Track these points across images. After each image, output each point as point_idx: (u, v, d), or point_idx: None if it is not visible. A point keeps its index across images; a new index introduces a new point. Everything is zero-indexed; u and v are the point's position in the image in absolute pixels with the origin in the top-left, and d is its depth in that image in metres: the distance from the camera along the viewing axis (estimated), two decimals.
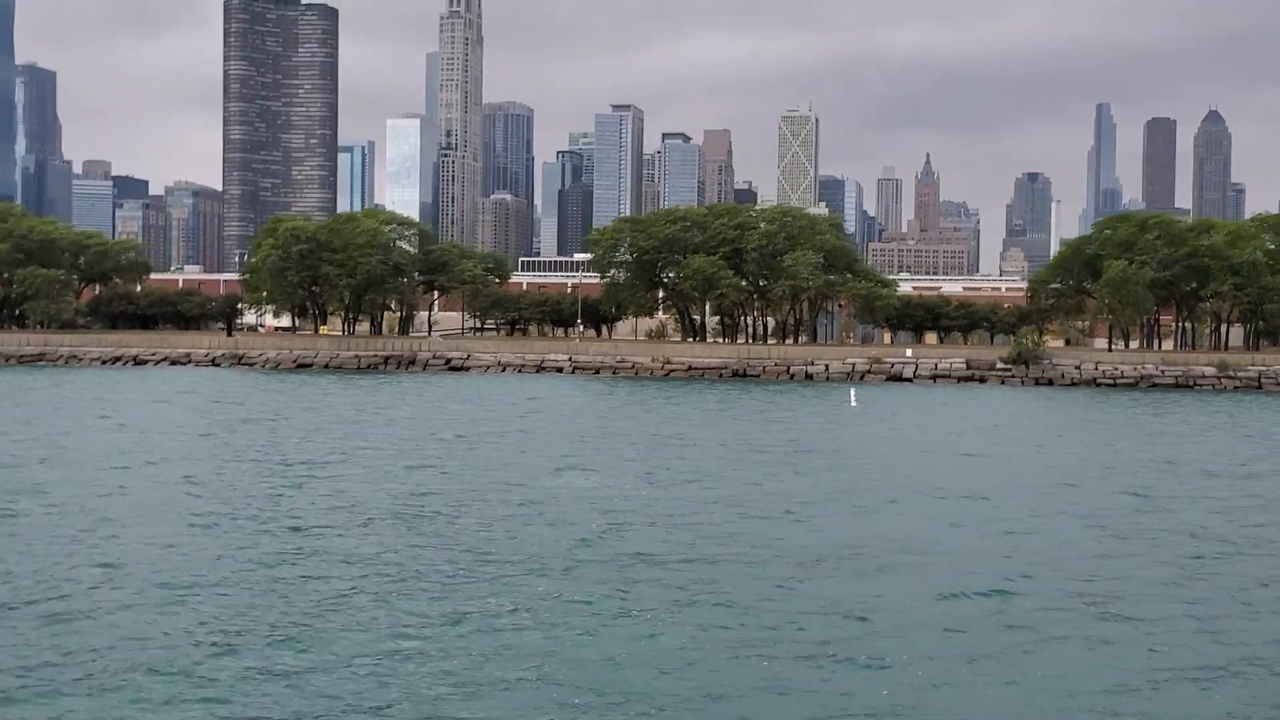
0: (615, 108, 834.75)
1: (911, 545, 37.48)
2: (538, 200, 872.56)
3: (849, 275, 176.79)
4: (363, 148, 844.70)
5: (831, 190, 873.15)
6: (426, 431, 73.59)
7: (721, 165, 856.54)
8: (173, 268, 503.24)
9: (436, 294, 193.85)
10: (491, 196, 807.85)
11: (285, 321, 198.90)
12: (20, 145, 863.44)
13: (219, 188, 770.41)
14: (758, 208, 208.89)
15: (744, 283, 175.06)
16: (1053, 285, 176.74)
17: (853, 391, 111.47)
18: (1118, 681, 24.42)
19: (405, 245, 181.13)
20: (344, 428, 75.41)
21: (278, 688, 23.57)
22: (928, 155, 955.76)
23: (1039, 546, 37.63)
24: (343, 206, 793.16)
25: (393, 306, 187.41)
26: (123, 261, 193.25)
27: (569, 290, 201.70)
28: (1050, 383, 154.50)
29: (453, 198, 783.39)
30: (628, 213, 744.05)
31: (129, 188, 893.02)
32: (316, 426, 76.17)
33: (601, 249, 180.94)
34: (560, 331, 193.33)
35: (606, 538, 38.05)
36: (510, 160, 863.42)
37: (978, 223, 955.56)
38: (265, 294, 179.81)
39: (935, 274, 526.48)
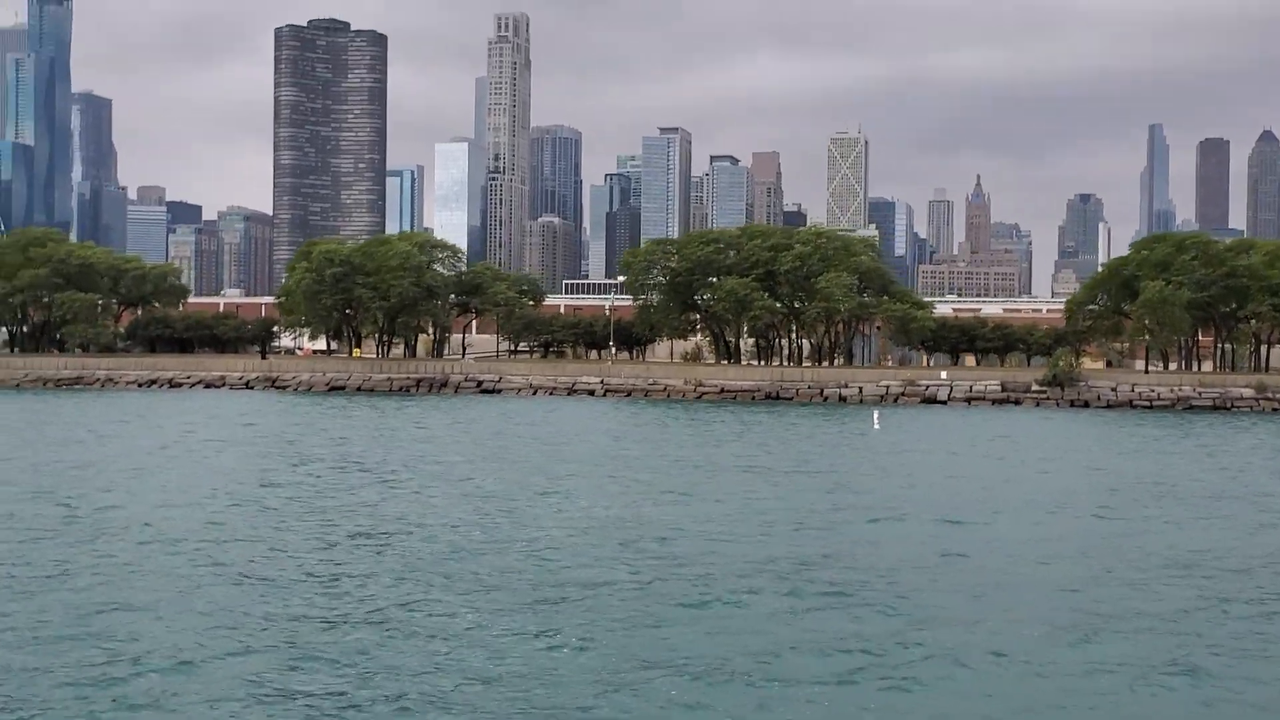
0: (663, 130, 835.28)
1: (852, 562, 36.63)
2: (586, 223, 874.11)
3: (885, 297, 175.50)
4: (411, 172, 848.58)
5: (882, 212, 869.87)
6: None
7: (770, 187, 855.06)
8: (222, 291, 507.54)
9: (471, 316, 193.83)
10: (539, 219, 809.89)
11: (323, 344, 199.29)
12: (77, 172, 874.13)
13: (270, 212, 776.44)
14: (793, 229, 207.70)
15: (778, 304, 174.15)
16: (1090, 306, 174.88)
17: (876, 414, 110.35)
18: None
19: (439, 268, 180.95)
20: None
21: None
22: (978, 177, 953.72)
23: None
24: (391, 230, 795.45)
25: (427, 329, 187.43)
26: (161, 286, 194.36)
27: (607, 312, 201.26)
28: (1086, 405, 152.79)
29: (500, 221, 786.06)
30: (676, 235, 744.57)
31: (183, 213, 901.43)
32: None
33: (634, 271, 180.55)
34: (595, 354, 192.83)
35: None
36: (558, 183, 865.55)
37: (1029, 244, 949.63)
38: (300, 317, 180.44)
39: (986, 296, 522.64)
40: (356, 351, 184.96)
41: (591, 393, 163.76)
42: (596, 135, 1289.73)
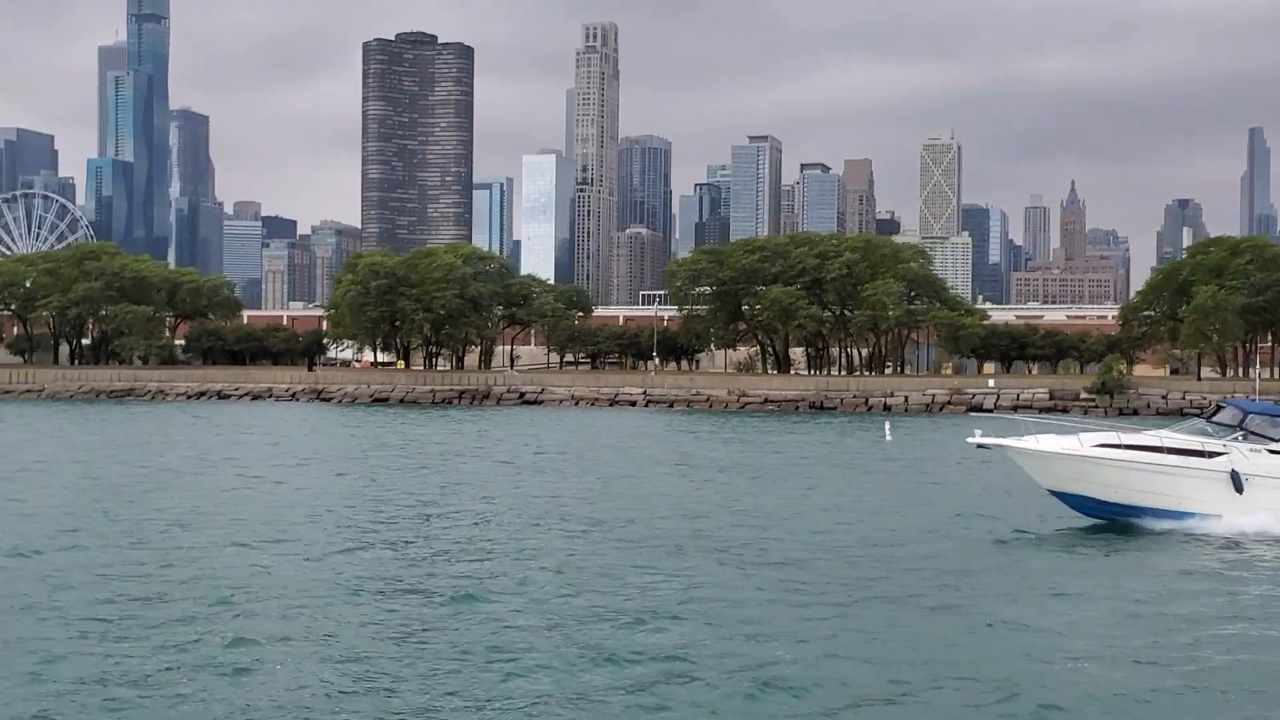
0: (752, 139, 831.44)
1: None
2: (675, 233, 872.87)
3: (936, 304, 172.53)
4: (500, 184, 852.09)
5: (976, 219, 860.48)
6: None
7: (862, 195, 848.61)
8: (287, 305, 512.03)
9: (517, 328, 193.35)
10: (627, 231, 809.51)
11: (383, 357, 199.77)
12: (175, 187, 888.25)
13: (360, 226, 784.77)
14: (842, 236, 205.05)
15: (825, 313, 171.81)
16: (1146, 313, 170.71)
17: (888, 425, 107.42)
18: None
19: (479, 283, 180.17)
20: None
21: None
22: (1072, 183, 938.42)
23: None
24: (479, 243, 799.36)
25: (474, 341, 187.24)
26: (215, 299, 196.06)
27: (664, 323, 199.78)
28: (1135, 412, 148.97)
29: (588, 233, 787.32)
30: None
31: (278, 228, 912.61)
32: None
33: (679, 280, 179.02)
34: (644, 365, 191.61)
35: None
36: (648, 194, 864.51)
37: (1127, 250, 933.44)
38: (346, 329, 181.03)
39: (1081, 302, 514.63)
40: (400, 364, 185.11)
41: (633, 404, 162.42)
42: (686, 145, 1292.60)
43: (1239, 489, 42.59)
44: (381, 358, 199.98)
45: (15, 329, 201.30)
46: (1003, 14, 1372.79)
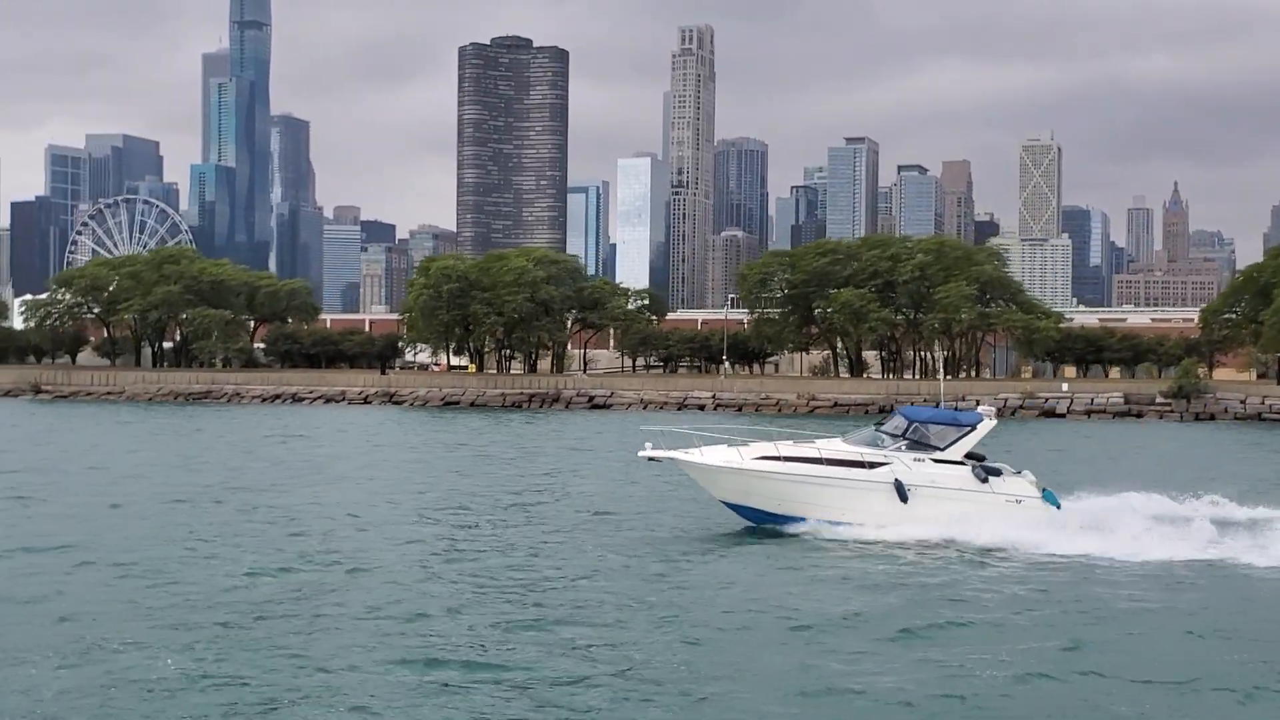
0: (849, 140, 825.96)
1: None
2: (772, 236, 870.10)
3: (1012, 307, 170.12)
4: (597, 188, 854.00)
5: (1077, 220, 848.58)
6: None
7: (961, 197, 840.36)
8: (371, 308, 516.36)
9: (591, 332, 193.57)
10: (722, 234, 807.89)
11: (460, 361, 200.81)
12: (276, 193, 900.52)
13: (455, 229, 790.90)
14: (914, 239, 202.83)
15: (898, 316, 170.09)
16: (1226, 315, 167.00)
17: None
18: None
19: (551, 286, 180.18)
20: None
21: None
22: (1175, 184, 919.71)
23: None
24: (574, 246, 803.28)
25: (547, 345, 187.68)
26: (293, 302, 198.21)
27: (744, 327, 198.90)
28: (1212, 418, 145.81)
29: (684, 236, 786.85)
30: None
31: (377, 232, 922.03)
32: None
33: (749, 284, 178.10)
34: (716, 369, 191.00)
35: None
36: (744, 196, 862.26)
37: (1232, 252, 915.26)
38: (419, 333, 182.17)
39: (1184, 305, 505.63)
40: (471, 367, 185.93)
41: (702, 408, 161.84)
42: (783, 147, 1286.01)
43: (904, 499, 41.94)
44: (458, 361, 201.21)
45: (102, 332, 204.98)
46: (1101, 13, 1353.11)
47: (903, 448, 42.94)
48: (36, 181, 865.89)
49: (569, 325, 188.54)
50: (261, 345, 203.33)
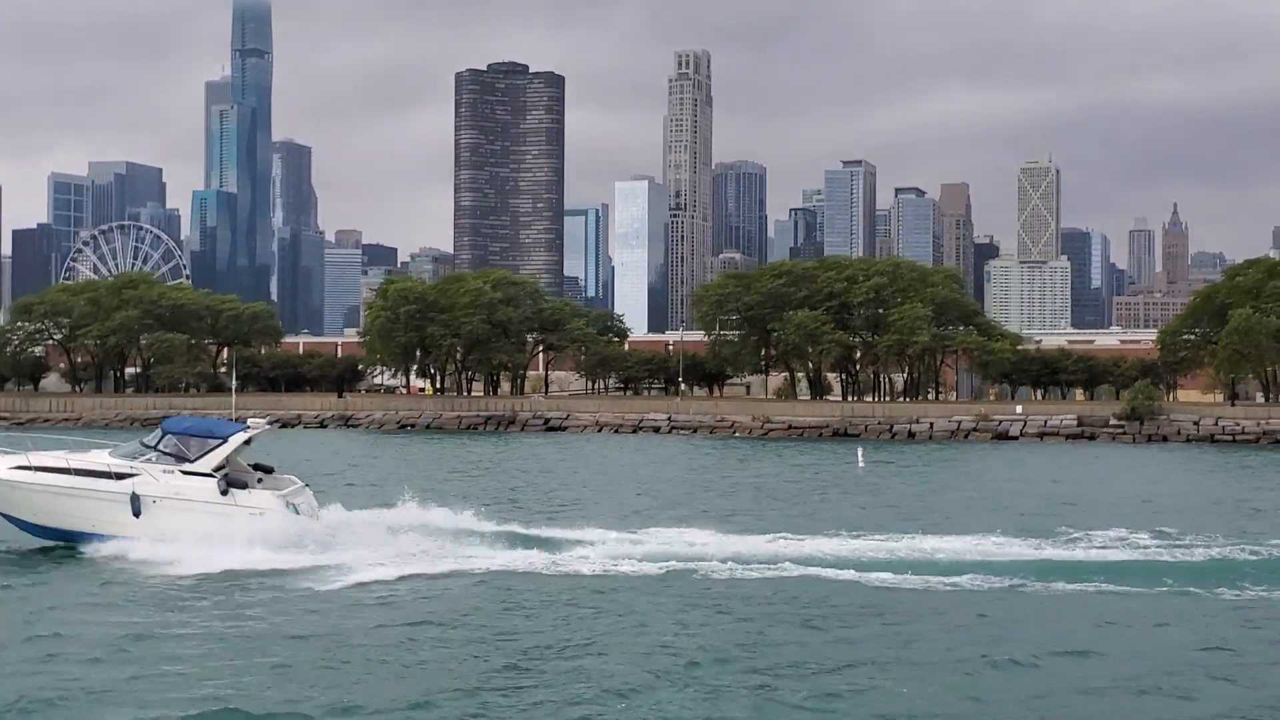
0: (845, 163, 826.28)
1: None
2: (771, 258, 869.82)
3: (966, 329, 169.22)
4: (596, 210, 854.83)
5: (1076, 243, 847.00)
6: None
7: (959, 219, 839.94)
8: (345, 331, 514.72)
9: (550, 353, 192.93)
10: (720, 255, 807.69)
11: (422, 383, 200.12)
12: (277, 217, 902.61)
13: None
14: (871, 260, 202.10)
15: (855, 338, 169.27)
16: (1185, 336, 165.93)
17: (860, 451, 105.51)
18: None
19: (509, 308, 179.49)
20: None
21: None
22: (1174, 206, 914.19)
23: None
24: (573, 269, 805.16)
25: (507, 366, 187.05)
26: (255, 326, 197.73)
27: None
28: (1164, 439, 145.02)
29: (682, 258, 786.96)
30: None
31: (378, 255, 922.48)
32: None
33: (705, 306, 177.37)
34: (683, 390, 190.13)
35: None
36: (742, 219, 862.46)
37: None
38: (377, 355, 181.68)
39: None
40: (429, 389, 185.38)
41: (657, 430, 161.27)
42: (782, 170, 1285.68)
43: (136, 512, 41.65)
44: (423, 384, 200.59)
45: (65, 359, 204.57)
46: (1101, 38, 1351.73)
47: (153, 459, 42.56)
48: (39, 209, 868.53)
49: (530, 347, 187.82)
50: (224, 369, 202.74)
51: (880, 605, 35.74)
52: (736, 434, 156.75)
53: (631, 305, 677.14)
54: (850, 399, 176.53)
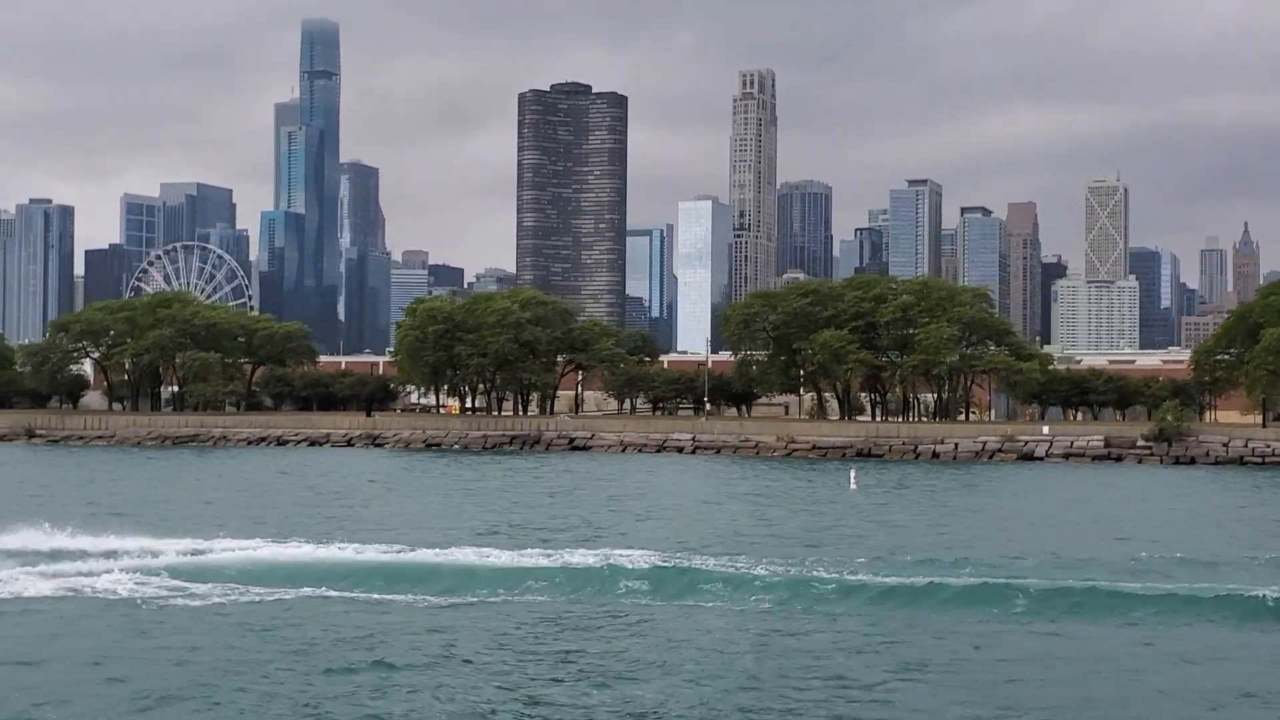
0: (911, 183, 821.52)
1: None
2: (837, 278, 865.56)
3: (998, 348, 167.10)
4: (660, 231, 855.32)
5: (1145, 262, 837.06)
6: None
7: (1026, 239, 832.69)
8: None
9: (580, 373, 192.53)
10: (784, 275, 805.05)
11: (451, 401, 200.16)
12: (345, 238, 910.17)
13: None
14: (899, 280, 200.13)
15: (879, 358, 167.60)
16: (1220, 356, 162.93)
17: (853, 473, 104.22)
18: None
19: (536, 327, 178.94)
20: None
21: None
22: (1245, 224, 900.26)
23: None
24: (636, 289, 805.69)
25: (536, 386, 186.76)
26: (289, 345, 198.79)
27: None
28: (1192, 461, 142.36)
29: (746, 278, 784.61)
30: None
31: (445, 276, 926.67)
32: None
33: (732, 326, 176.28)
34: (706, 410, 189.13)
35: None
36: (808, 239, 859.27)
37: None
38: (405, 374, 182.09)
39: None
40: (454, 408, 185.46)
41: (681, 450, 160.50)
42: (848, 190, 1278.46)
43: None
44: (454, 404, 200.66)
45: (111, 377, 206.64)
46: (1167, 56, 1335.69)
47: None
48: (112, 230, 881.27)
49: (559, 366, 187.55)
50: (258, 388, 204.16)
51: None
52: (760, 454, 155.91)
53: (695, 325, 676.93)
54: (879, 419, 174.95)
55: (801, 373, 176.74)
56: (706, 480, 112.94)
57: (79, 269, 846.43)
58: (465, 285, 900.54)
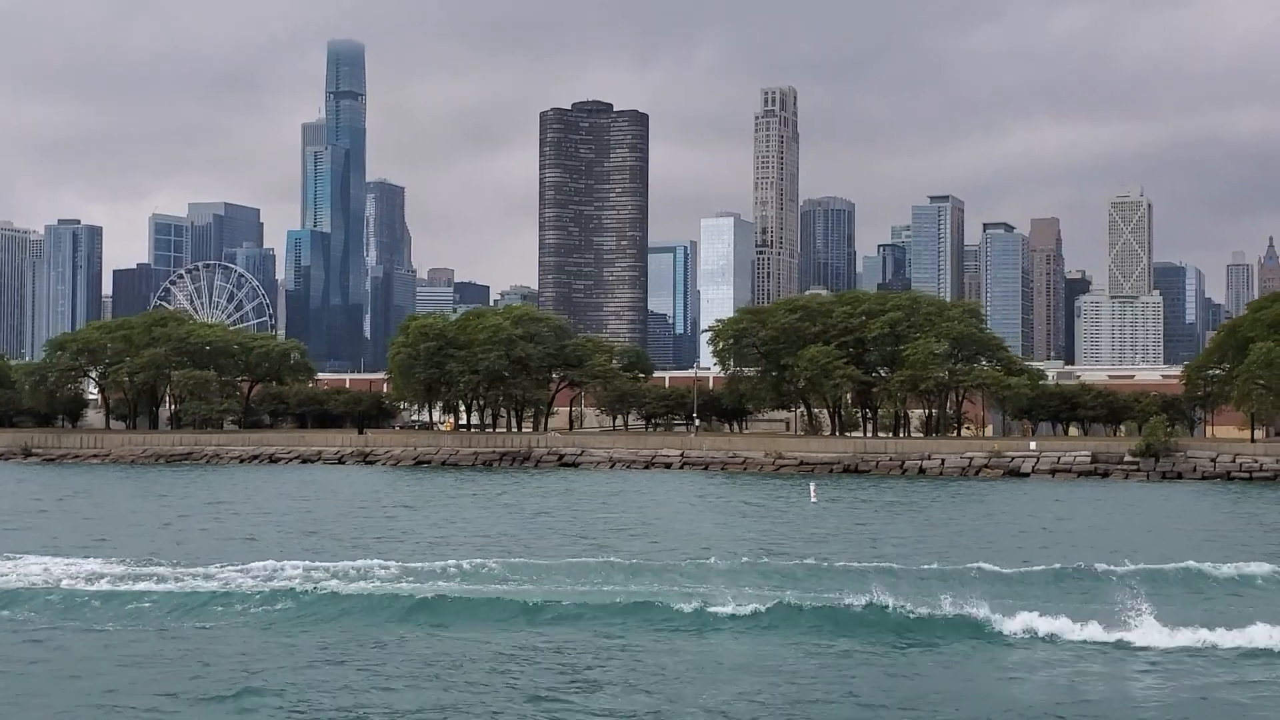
0: (933, 199, 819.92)
1: None
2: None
3: (985, 364, 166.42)
4: (684, 248, 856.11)
5: (1170, 277, 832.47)
6: None
7: (1049, 254, 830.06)
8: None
9: (574, 389, 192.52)
10: (807, 292, 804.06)
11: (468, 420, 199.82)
12: (371, 256, 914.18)
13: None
14: (888, 295, 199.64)
15: (866, 373, 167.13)
16: (1211, 371, 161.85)
17: (813, 486, 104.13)
18: None
19: (528, 344, 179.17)
20: None
21: None
22: (1270, 239, 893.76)
23: None
24: (660, 305, 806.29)
25: (533, 402, 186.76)
26: (284, 364, 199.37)
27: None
28: (1179, 476, 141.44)
29: (768, 295, 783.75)
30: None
31: (470, 293, 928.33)
32: None
33: (721, 341, 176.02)
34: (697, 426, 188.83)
35: None
36: (831, 255, 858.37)
37: None
38: (399, 391, 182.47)
39: None
40: (448, 425, 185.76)
41: (669, 466, 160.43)
42: (870, 206, 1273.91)
43: None
44: (471, 421, 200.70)
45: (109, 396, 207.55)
46: (1191, 70, 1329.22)
47: None
48: (140, 250, 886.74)
49: (554, 382, 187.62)
50: (255, 405, 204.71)
51: None
52: (747, 469, 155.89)
53: None
54: (868, 435, 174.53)
55: (791, 388, 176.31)
56: (678, 492, 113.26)
57: (107, 289, 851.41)
58: (491, 302, 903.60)
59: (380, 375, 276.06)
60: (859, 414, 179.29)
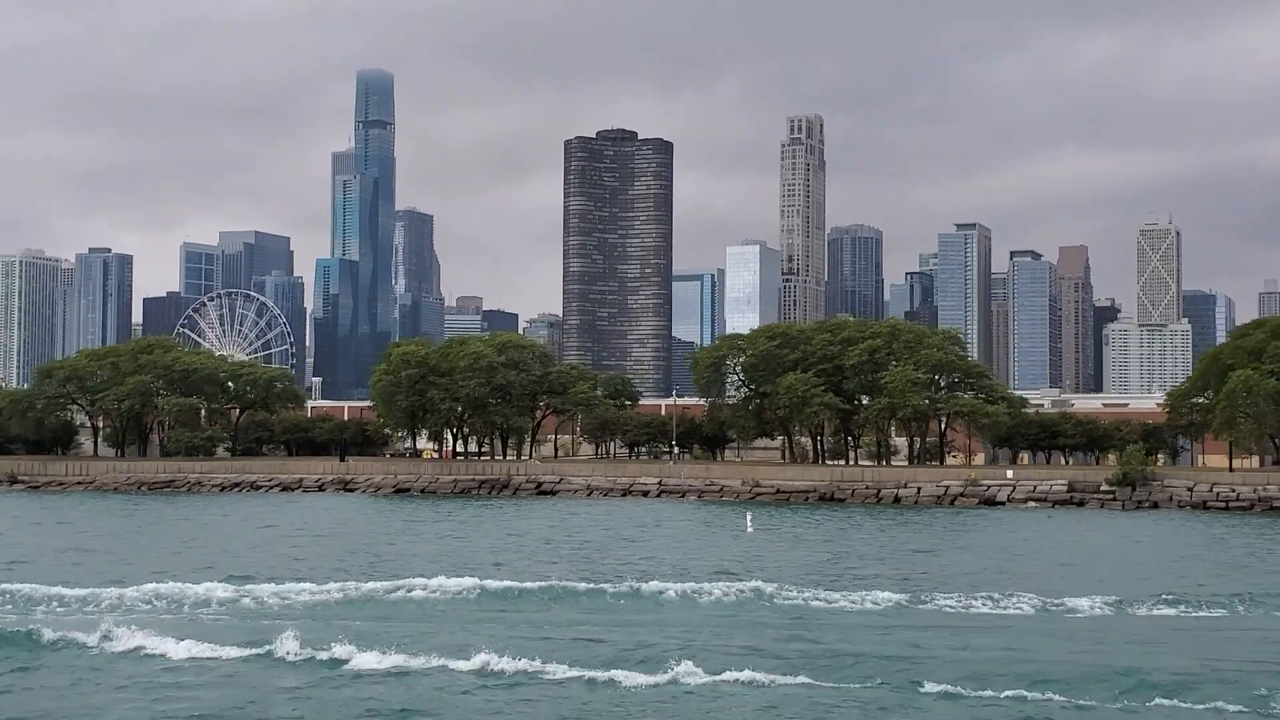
0: (959, 226, 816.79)
1: None
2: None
3: (967, 392, 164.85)
4: (711, 275, 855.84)
5: (1199, 305, 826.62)
6: None
7: (1078, 282, 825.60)
8: None
9: (557, 417, 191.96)
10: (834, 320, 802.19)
11: (461, 447, 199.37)
12: (400, 284, 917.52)
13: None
14: (868, 323, 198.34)
15: (845, 402, 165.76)
16: (1195, 399, 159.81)
17: (749, 516, 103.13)
18: None
19: (510, 371, 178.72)
20: None
21: None
22: None
23: None
24: (686, 333, 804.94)
25: (518, 430, 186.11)
26: (272, 391, 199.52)
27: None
28: (1155, 506, 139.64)
29: (794, 322, 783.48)
30: (975, 332, 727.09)
31: (498, 321, 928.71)
32: None
33: (701, 369, 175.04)
34: (689, 454, 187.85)
35: None
36: (858, 283, 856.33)
37: None
38: (382, 418, 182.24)
39: None
40: (428, 453, 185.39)
41: (646, 494, 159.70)
42: (899, 234, 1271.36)
43: None
44: (460, 448, 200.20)
45: (97, 422, 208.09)
46: (1219, 100, 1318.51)
47: None
48: (171, 279, 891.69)
49: (538, 410, 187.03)
50: (242, 433, 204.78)
51: None
52: (724, 497, 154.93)
53: None
54: (847, 463, 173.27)
55: (772, 416, 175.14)
56: (627, 517, 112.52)
57: (137, 316, 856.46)
58: (519, 330, 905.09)
59: (364, 403, 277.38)
60: (843, 442, 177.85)
